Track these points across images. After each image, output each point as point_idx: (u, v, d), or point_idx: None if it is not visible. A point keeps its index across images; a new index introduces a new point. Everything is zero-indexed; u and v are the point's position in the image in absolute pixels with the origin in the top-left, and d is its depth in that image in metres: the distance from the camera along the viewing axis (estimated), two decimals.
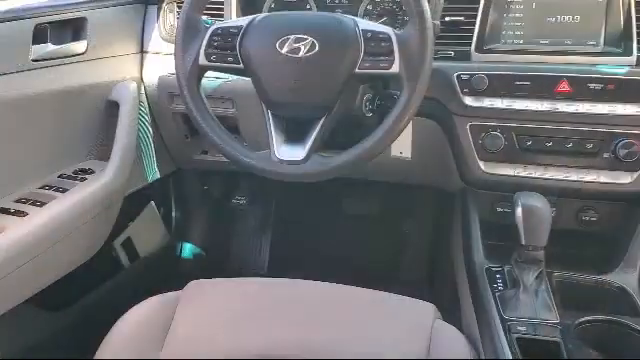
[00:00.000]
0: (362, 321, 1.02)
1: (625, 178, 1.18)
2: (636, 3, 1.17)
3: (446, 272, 1.46)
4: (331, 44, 1.01)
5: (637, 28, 1.17)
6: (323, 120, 1.05)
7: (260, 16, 1.07)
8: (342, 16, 1.06)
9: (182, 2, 1.14)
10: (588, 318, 1.01)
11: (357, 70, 1.01)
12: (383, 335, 0.99)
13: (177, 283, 1.11)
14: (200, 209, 1.97)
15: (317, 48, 1.01)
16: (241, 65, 1.05)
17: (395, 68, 1.00)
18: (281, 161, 1.04)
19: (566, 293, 1.09)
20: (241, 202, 1.96)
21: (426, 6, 1.00)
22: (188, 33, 1.07)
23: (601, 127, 1.17)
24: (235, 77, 1.31)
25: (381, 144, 1.03)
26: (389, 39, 1.01)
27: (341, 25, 1.03)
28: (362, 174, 1.44)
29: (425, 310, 1.04)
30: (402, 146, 1.32)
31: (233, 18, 1.36)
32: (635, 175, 1.17)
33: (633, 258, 1.15)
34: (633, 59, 1.16)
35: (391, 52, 1.00)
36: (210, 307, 1.05)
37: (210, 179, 1.95)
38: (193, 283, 1.10)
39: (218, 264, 1.95)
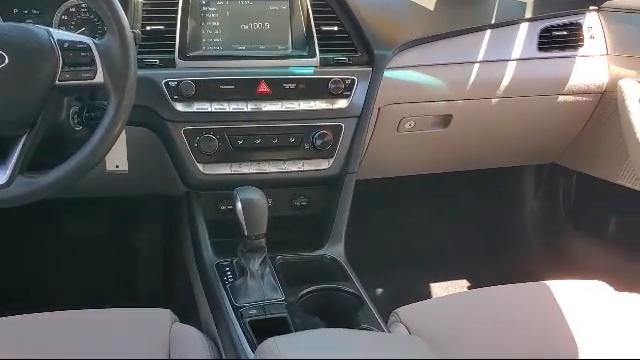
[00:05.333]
0: (97, 344, 0.98)
1: (324, 164, 1.34)
2: (313, 11, 1.34)
3: (181, 276, 1.48)
4: (23, 56, 0.95)
5: (317, 33, 1.33)
6: (25, 138, 0.98)
7: None
8: (34, 26, 1.00)
9: None
10: (308, 290, 1.14)
11: (57, 82, 0.97)
12: (122, 352, 0.96)
13: None
14: None
15: (7, 61, 0.93)
16: None
17: (99, 78, 0.99)
18: None
19: (288, 272, 1.21)
20: None
21: (123, 15, 1.00)
22: None
23: (299, 122, 1.31)
24: None
25: (93, 158, 1.00)
26: (89, 49, 0.99)
27: (33, 36, 0.97)
28: (78, 192, 1.37)
29: (161, 317, 1.04)
30: (117, 159, 1.29)
31: None
32: (331, 161, 1.35)
33: (338, 232, 1.33)
34: (317, 60, 1.33)
35: (93, 62, 0.99)
36: None
37: None
38: None
39: None
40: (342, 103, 1.32)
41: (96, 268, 1.81)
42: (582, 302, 1.08)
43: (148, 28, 1.27)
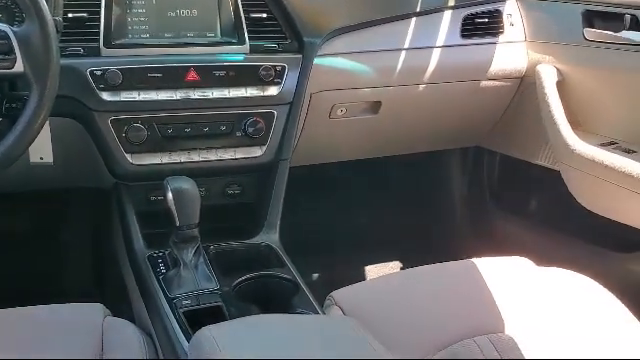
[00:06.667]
0: (23, 342, 0.94)
1: (257, 152, 1.34)
2: None
3: (113, 270, 1.45)
4: None
5: (246, 20, 1.33)
6: None
7: None
8: None
9: None
10: (243, 278, 1.15)
11: None
12: (53, 349, 0.94)
13: None
14: None
15: None
16: None
17: (19, 67, 0.97)
18: None
19: (223, 261, 1.20)
20: None
21: (42, 1, 0.97)
22: None
23: (230, 109, 1.30)
24: None
25: (15, 150, 0.97)
26: (6, 36, 0.96)
27: None
28: (1, 186, 1.31)
29: (93, 311, 1.02)
30: (41, 150, 1.25)
31: None
32: (264, 148, 1.35)
33: (273, 219, 1.34)
34: (247, 47, 1.32)
35: (11, 50, 0.96)
36: None
37: None
38: None
39: None
40: (273, 90, 1.32)
41: (21, 267, 1.74)
42: (506, 278, 1.14)
43: (70, 15, 1.22)
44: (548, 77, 1.51)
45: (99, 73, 1.20)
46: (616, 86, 1.45)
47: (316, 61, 1.38)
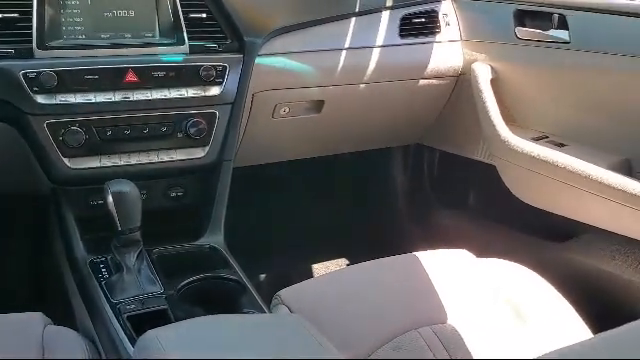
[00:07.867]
0: None
1: (199, 153, 1.34)
2: None
3: (54, 277, 1.41)
4: None
5: (185, 20, 1.31)
6: None
7: None
8: None
9: None
10: (188, 280, 1.14)
11: None
12: None
13: None
14: None
15: None
16: None
17: None
18: None
19: (167, 264, 1.19)
20: None
21: None
22: None
23: (171, 110, 1.29)
24: None
25: None
26: None
27: None
28: None
29: (33, 320, 0.99)
30: None
31: None
32: (207, 149, 1.34)
33: (218, 220, 1.33)
34: (186, 48, 1.31)
35: None
36: None
37: None
38: None
39: None
40: (215, 90, 1.32)
41: None
42: (447, 269, 1.17)
43: (0, 16, 1.18)
44: (483, 75, 1.56)
45: (33, 75, 1.17)
46: (546, 82, 1.51)
47: (257, 61, 1.38)
